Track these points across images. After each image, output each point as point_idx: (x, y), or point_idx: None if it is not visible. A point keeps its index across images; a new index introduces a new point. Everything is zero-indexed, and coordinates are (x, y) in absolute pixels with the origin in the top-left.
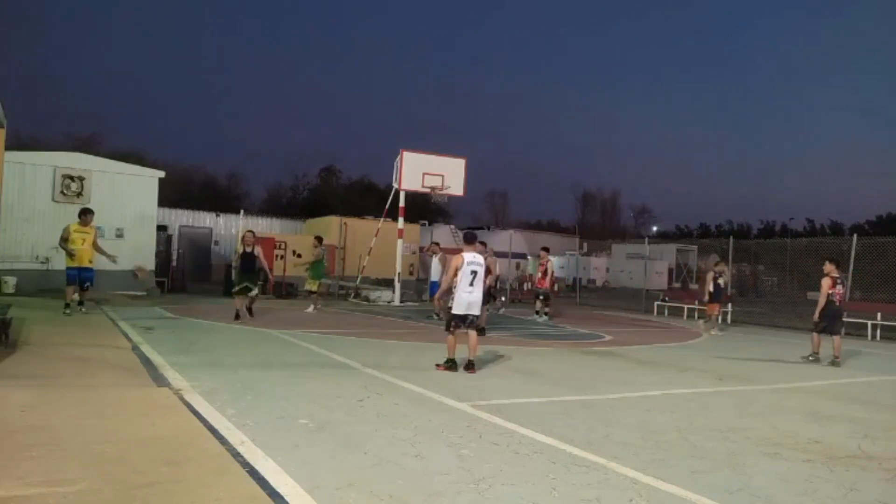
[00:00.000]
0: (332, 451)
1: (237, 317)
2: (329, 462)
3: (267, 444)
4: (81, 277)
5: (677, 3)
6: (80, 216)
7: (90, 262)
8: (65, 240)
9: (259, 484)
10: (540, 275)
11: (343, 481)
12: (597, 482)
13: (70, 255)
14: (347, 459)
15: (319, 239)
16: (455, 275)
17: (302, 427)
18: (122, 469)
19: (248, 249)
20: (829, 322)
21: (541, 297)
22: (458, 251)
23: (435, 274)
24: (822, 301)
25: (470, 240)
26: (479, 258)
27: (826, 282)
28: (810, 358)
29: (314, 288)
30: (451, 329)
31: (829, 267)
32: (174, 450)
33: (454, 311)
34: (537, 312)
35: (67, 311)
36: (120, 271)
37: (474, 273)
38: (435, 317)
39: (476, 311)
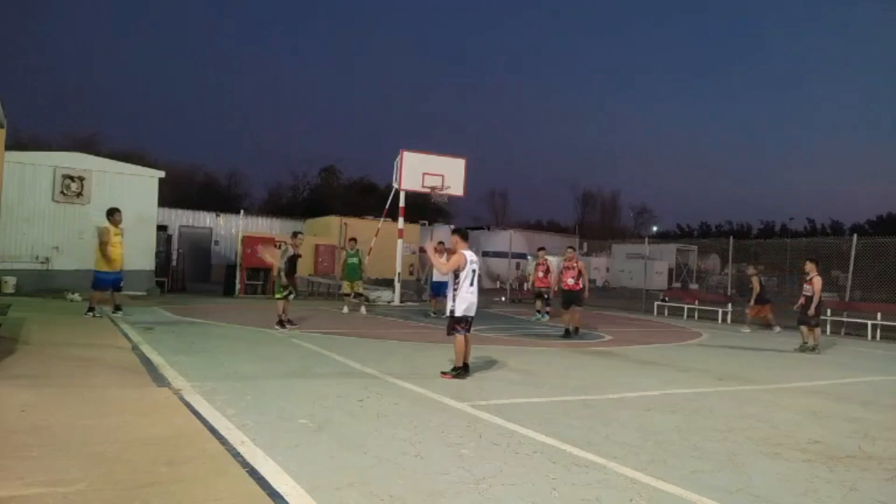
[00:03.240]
0: (332, 451)
1: (282, 324)
2: (329, 462)
3: (267, 444)
4: (116, 281)
5: (678, 5)
6: (113, 216)
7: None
8: (105, 244)
9: (259, 484)
10: (541, 274)
11: (343, 481)
12: (597, 482)
13: (108, 259)
14: (347, 459)
15: (353, 240)
16: (456, 271)
17: (302, 427)
18: (122, 469)
19: (297, 251)
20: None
21: (545, 298)
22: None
23: (438, 274)
24: (818, 297)
25: (467, 237)
26: (475, 256)
27: (820, 280)
28: (816, 351)
29: (348, 290)
30: (455, 333)
31: (813, 265)
32: (174, 450)
33: (459, 314)
34: (538, 312)
35: (98, 315)
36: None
37: (473, 272)
38: (433, 314)
39: (473, 312)
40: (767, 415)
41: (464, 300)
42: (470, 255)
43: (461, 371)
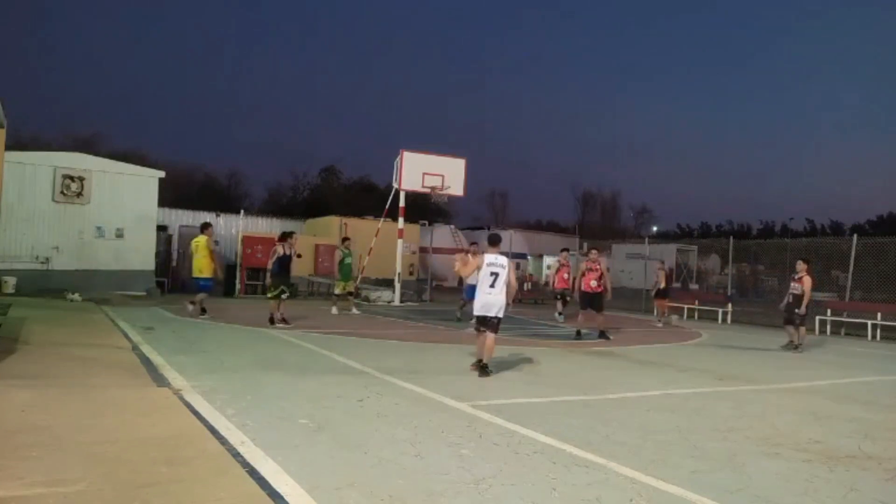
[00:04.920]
0: (332, 451)
1: (272, 321)
2: (329, 462)
3: (267, 444)
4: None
5: (680, 6)
6: (207, 229)
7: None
8: (213, 252)
9: (259, 484)
10: (566, 276)
11: (343, 481)
12: (597, 482)
13: (214, 266)
14: (347, 459)
15: (347, 239)
16: (472, 273)
17: (302, 427)
18: (122, 469)
19: (289, 252)
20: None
21: (565, 298)
22: (457, 251)
23: (472, 278)
24: (808, 296)
25: (494, 242)
26: (502, 259)
27: (810, 280)
28: (800, 350)
29: (339, 290)
30: (476, 330)
31: (804, 265)
32: (174, 450)
33: (475, 313)
34: (560, 313)
35: (209, 317)
36: (120, 271)
37: (495, 275)
38: (458, 318)
39: (494, 313)
40: (767, 415)
41: (479, 300)
42: (490, 257)
43: (478, 365)
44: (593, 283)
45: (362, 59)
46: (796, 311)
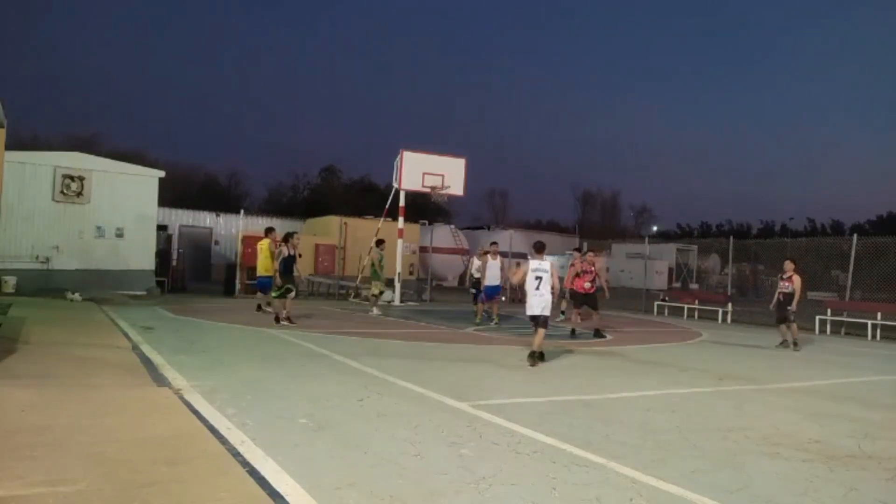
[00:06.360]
0: (332, 450)
1: (277, 320)
2: (329, 462)
3: (267, 443)
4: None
5: (680, 6)
6: (270, 234)
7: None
8: (273, 254)
9: (259, 484)
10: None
11: (343, 481)
12: (597, 482)
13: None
14: (347, 459)
15: (379, 242)
16: (523, 280)
17: (302, 427)
18: (122, 469)
19: (292, 252)
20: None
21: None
22: (457, 251)
23: (492, 278)
24: (799, 294)
25: (539, 249)
26: (545, 264)
27: (799, 278)
28: (797, 348)
29: (376, 291)
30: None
31: (791, 264)
32: (174, 450)
33: (528, 313)
34: (563, 312)
35: (266, 311)
36: (120, 271)
37: (539, 278)
38: (490, 321)
39: (541, 311)
40: (767, 415)
41: (529, 302)
42: (534, 263)
43: (532, 356)
44: (587, 285)
45: (363, 59)
46: (788, 308)
